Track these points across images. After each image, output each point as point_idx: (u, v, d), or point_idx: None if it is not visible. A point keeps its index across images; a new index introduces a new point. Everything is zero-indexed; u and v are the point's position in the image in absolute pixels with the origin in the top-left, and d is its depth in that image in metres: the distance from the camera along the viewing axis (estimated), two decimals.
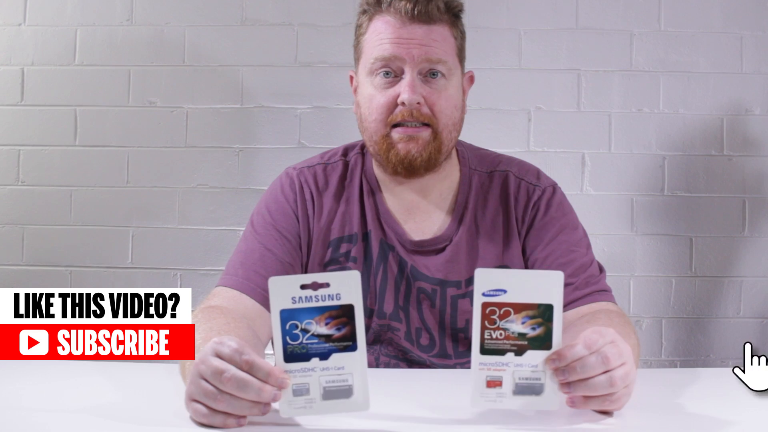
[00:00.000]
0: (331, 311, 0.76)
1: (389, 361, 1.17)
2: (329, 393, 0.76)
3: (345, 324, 0.76)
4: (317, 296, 0.76)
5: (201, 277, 2.31)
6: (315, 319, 0.76)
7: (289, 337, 0.76)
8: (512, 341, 0.77)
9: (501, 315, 0.77)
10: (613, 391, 0.78)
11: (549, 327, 0.78)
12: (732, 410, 0.86)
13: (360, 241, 1.18)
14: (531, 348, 0.78)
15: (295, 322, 0.76)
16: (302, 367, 0.76)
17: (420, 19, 1.10)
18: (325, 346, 0.76)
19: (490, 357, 0.78)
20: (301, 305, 0.76)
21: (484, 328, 0.77)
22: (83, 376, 1.02)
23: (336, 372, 0.76)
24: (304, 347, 0.76)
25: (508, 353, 0.78)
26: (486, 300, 0.77)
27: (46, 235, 2.34)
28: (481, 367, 0.78)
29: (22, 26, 2.36)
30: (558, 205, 1.19)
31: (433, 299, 1.16)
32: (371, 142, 1.15)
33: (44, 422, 0.80)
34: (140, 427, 0.78)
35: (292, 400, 0.76)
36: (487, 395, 0.78)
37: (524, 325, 0.77)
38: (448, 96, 1.13)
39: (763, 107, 2.31)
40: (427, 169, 1.14)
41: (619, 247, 2.30)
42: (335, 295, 0.76)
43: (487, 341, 0.77)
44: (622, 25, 2.32)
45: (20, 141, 2.35)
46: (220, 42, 2.34)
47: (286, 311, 0.76)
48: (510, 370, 0.78)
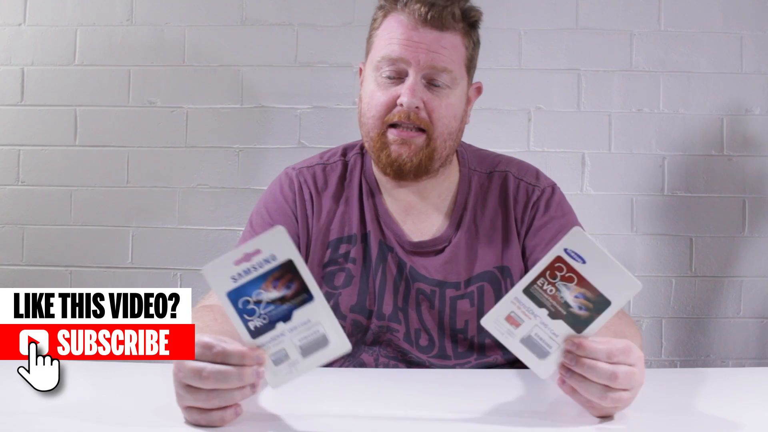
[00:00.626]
0: (274, 273, 0.76)
1: (388, 362, 1.17)
2: (307, 349, 0.76)
3: (292, 280, 0.76)
4: (254, 266, 0.76)
5: (201, 277, 2.30)
6: (262, 287, 0.76)
7: (246, 314, 0.76)
8: (555, 302, 0.77)
9: (564, 277, 0.76)
10: (600, 403, 0.77)
11: (593, 317, 0.77)
12: (732, 410, 0.86)
13: (359, 242, 1.17)
14: (565, 320, 0.77)
15: (245, 298, 0.76)
16: (271, 337, 0.76)
17: (432, 23, 1.09)
18: (283, 307, 0.76)
19: (528, 300, 0.77)
20: (243, 280, 0.76)
21: (542, 275, 0.77)
22: (83, 377, 1.01)
23: (304, 327, 0.76)
24: (264, 317, 0.76)
25: (544, 309, 0.77)
26: (562, 255, 0.76)
27: (46, 235, 2.34)
28: (514, 301, 0.78)
29: (22, 26, 2.36)
30: (557, 205, 1.19)
31: (432, 300, 1.16)
32: (367, 138, 1.15)
33: (44, 422, 0.79)
34: (140, 427, 0.78)
35: (276, 370, 0.76)
36: (500, 324, 0.78)
37: (576, 300, 0.77)
38: (448, 105, 1.12)
39: (763, 107, 2.31)
40: (417, 174, 1.13)
41: (619, 247, 2.30)
42: (270, 257, 0.76)
43: (535, 287, 0.77)
44: (622, 25, 2.32)
45: (20, 141, 2.35)
46: (220, 42, 2.34)
47: (232, 292, 0.76)
48: (534, 322, 0.77)
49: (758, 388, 1.01)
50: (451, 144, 1.15)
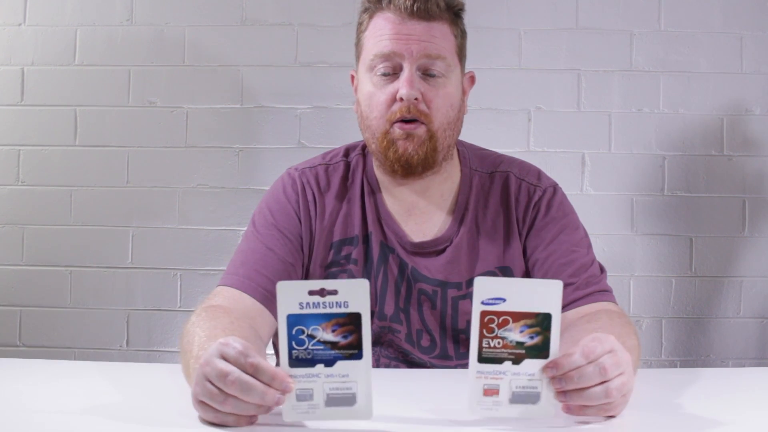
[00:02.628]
0: (339, 318, 0.76)
1: (389, 363, 1.17)
2: (332, 400, 0.76)
3: (351, 332, 0.76)
4: (325, 303, 0.76)
5: (201, 277, 2.31)
6: (322, 326, 0.76)
7: (295, 342, 0.76)
8: (510, 350, 0.77)
9: (499, 324, 0.77)
10: (609, 401, 0.77)
11: (547, 336, 0.77)
12: (732, 410, 0.86)
13: (361, 243, 1.17)
14: (528, 357, 0.77)
15: (301, 328, 0.76)
16: (307, 373, 0.76)
17: (419, 15, 1.10)
18: (331, 353, 0.76)
19: (488, 365, 0.78)
20: (309, 311, 0.76)
21: (483, 337, 0.77)
22: (83, 376, 1.02)
23: (340, 379, 0.76)
24: (310, 353, 0.76)
25: (506, 362, 0.77)
26: (485, 308, 0.77)
27: (46, 235, 2.34)
28: (479, 375, 0.78)
29: (22, 26, 2.36)
30: (559, 205, 1.19)
31: (433, 301, 1.16)
32: (373, 140, 1.15)
33: (44, 422, 0.79)
34: (141, 427, 0.78)
35: (295, 405, 0.77)
36: (484, 403, 0.78)
37: (522, 333, 0.77)
38: (445, 94, 1.12)
39: (763, 107, 2.31)
40: (424, 168, 1.13)
41: (619, 247, 2.30)
42: (343, 303, 0.76)
43: (485, 350, 0.77)
44: (622, 25, 2.32)
45: (20, 141, 2.35)
46: (220, 42, 2.34)
47: (293, 316, 0.76)
48: (507, 378, 0.78)
49: (758, 388, 1.01)
50: (451, 134, 1.15)
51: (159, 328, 2.34)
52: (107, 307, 2.34)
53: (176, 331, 2.31)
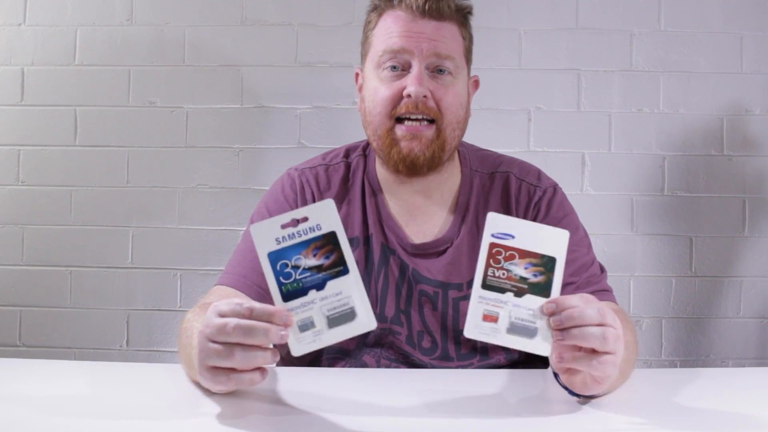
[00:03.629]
0: (316, 242, 0.78)
1: (390, 365, 1.17)
2: (334, 320, 0.78)
3: (332, 251, 0.78)
4: (299, 231, 0.78)
5: (201, 277, 2.31)
6: (302, 254, 0.78)
7: (282, 277, 0.78)
8: (513, 282, 0.80)
9: (506, 257, 0.80)
10: (604, 348, 0.78)
11: (550, 277, 0.80)
12: (732, 410, 0.86)
13: (361, 245, 1.17)
14: (530, 293, 0.80)
15: (284, 261, 0.78)
16: (302, 302, 0.78)
17: (430, 14, 1.11)
18: (319, 276, 0.78)
19: (491, 293, 0.80)
20: (286, 243, 0.78)
21: (489, 266, 0.80)
22: (83, 376, 1.02)
23: (335, 298, 0.78)
24: (299, 282, 0.78)
25: (508, 293, 0.80)
26: (494, 241, 0.80)
27: (46, 235, 2.34)
28: (480, 300, 0.80)
29: (22, 26, 2.36)
30: (559, 205, 1.19)
31: (434, 302, 1.16)
32: (375, 137, 1.15)
33: (44, 422, 0.79)
34: (141, 427, 0.78)
35: (300, 337, 0.77)
36: (482, 327, 0.80)
37: (527, 270, 0.80)
38: (455, 92, 1.13)
39: (763, 107, 2.31)
40: (429, 168, 1.13)
41: (619, 247, 2.30)
42: (316, 227, 0.78)
43: (489, 278, 0.80)
44: (622, 25, 2.32)
45: (20, 141, 2.35)
46: (220, 42, 2.34)
47: (273, 253, 0.78)
48: (507, 308, 0.80)
49: (758, 388, 1.01)
50: (459, 134, 1.16)
51: (159, 328, 2.34)
52: (107, 307, 2.34)
53: (176, 331, 2.31)
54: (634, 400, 0.83)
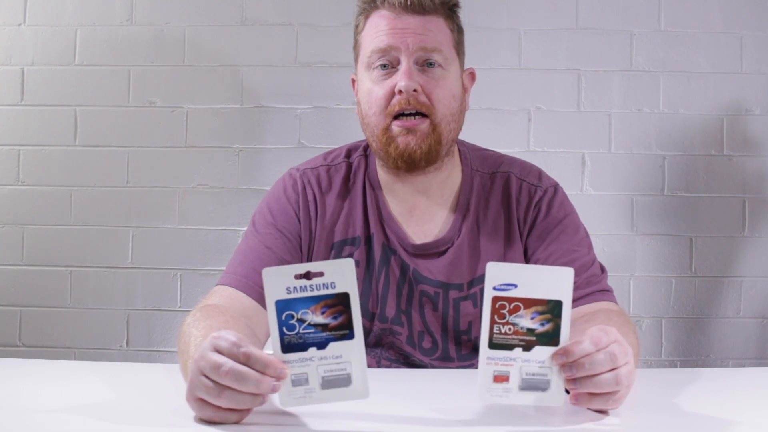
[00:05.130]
0: (327, 300, 0.76)
1: (390, 365, 1.17)
2: (328, 382, 0.76)
3: (341, 312, 0.76)
4: (312, 285, 0.75)
5: (201, 277, 2.31)
6: (311, 309, 0.76)
7: (285, 328, 0.76)
8: (521, 336, 0.77)
9: (511, 310, 0.77)
10: (617, 389, 0.78)
11: (557, 323, 0.77)
12: (732, 410, 0.86)
13: (363, 245, 1.17)
14: (539, 344, 0.77)
15: (291, 312, 0.76)
16: (300, 357, 0.76)
17: (413, 9, 1.11)
18: (322, 335, 0.76)
19: (499, 351, 0.77)
20: (297, 295, 0.76)
21: (494, 323, 0.77)
22: (83, 376, 1.02)
23: (334, 361, 0.76)
24: (301, 337, 0.76)
25: (516, 348, 0.77)
26: (497, 294, 0.77)
27: (46, 235, 2.34)
28: (489, 362, 0.77)
29: (22, 26, 2.36)
30: (559, 205, 1.18)
31: (435, 302, 1.16)
32: (373, 138, 1.15)
33: (44, 422, 0.79)
34: (140, 426, 0.78)
35: (291, 391, 0.76)
36: (494, 390, 0.78)
37: (533, 320, 0.77)
38: (446, 85, 1.12)
39: (763, 107, 2.31)
40: (428, 161, 1.13)
41: (619, 247, 2.30)
42: (330, 284, 0.76)
43: (496, 336, 0.77)
44: (622, 25, 2.32)
45: (20, 141, 2.35)
46: (220, 42, 2.34)
47: (281, 302, 0.76)
48: (517, 365, 0.77)
49: (758, 388, 1.01)
50: (455, 127, 1.15)
51: (159, 328, 2.34)
52: (107, 307, 2.34)
53: (176, 331, 2.31)
54: (634, 400, 0.83)
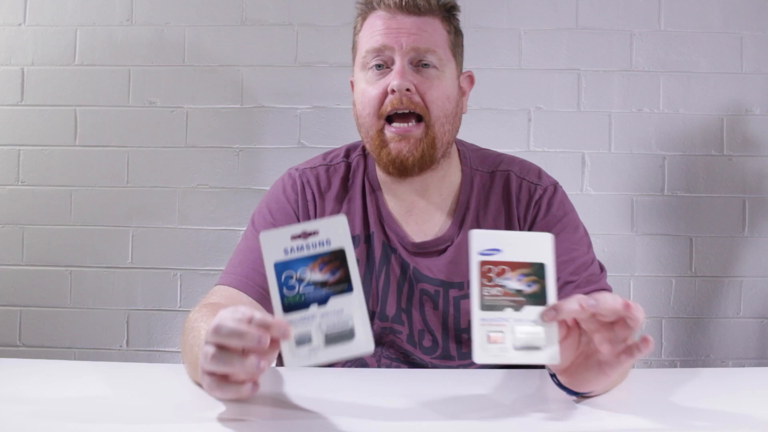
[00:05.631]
0: (324, 257, 0.77)
1: (390, 364, 1.17)
2: (331, 338, 0.76)
3: (338, 268, 0.77)
4: (308, 244, 0.77)
5: (201, 277, 2.31)
6: (309, 267, 0.77)
7: (285, 288, 0.77)
8: (510, 297, 0.79)
9: (498, 273, 0.79)
10: (634, 325, 0.78)
11: (543, 284, 0.80)
12: (732, 410, 0.86)
13: (362, 243, 1.17)
14: (528, 304, 0.79)
15: (290, 273, 0.77)
16: (302, 316, 0.77)
17: (408, 9, 1.11)
18: (322, 291, 0.77)
19: (490, 313, 0.79)
20: (294, 255, 0.77)
21: (483, 285, 0.79)
22: (83, 376, 1.02)
23: (336, 316, 0.77)
24: (302, 296, 0.77)
25: (507, 309, 0.79)
26: (482, 258, 0.79)
27: (46, 235, 2.34)
28: (482, 323, 0.79)
29: (22, 26, 2.36)
30: (559, 204, 1.19)
31: (435, 301, 1.16)
32: (367, 138, 1.15)
33: (44, 422, 0.79)
34: (140, 426, 0.78)
35: (295, 351, 0.76)
36: (490, 350, 0.79)
37: (520, 282, 0.79)
38: (439, 85, 1.12)
39: (763, 107, 2.31)
40: (421, 168, 1.13)
41: (619, 247, 2.30)
42: (325, 241, 0.77)
43: (486, 297, 0.79)
44: (622, 25, 2.32)
45: (20, 141, 2.35)
46: (220, 42, 2.34)
47: (280, 263, 0.77)
48: (510, 325, 0.79)
49: (758, 388, 1.01)
50: (450, 129, 1.14)
51: (159, 328, 2.34)
52: (107, 307, 2.34)
53: (176, 331, 2.31)
54: (633, 400, 0.83)
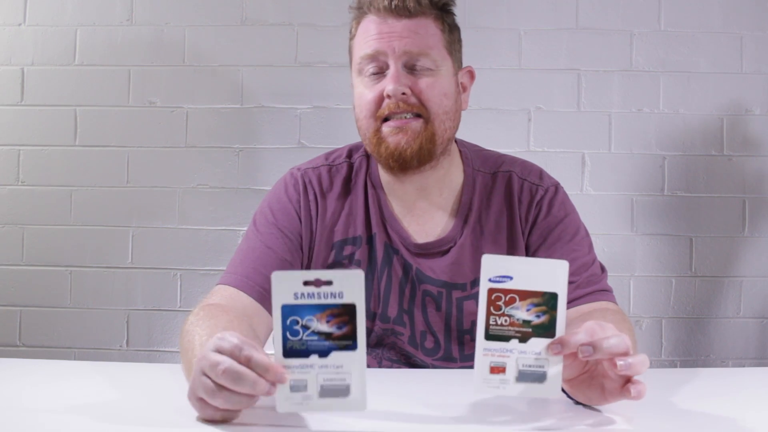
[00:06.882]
0: (333, 309, 0.75)
1: (392, 365, 1.17)
2: (326, 391, 0.76)
3: (346, 323, 0.76)
4: (320, 293, 0.75)
5: (201, 277, 2.31)
6: (316, 316, 0.76)
7: (289, 333, 0.76)
8: (517, 328, 0.77)
9: (506, 301, 0.77)
10: (637, 365, 0.76)
11: (553, 315, 0.78)
12: (732, 410, 0.86)
13: (364, 244, 1.17)
14: (535, 335, 0.78)
15: (296, 318, 0.76)
16: (301, 364, 0.76)
17: (398, 12, 1.11)
18: (325, 343, 0.76)
19: (495, 343, 0.78)
20: (303, 301, 0.76)
21: (490, 314, 0.77)
22: (83, 376, 1.02)
23: (334, 370, 0.76)
24: (304, 343, 0.76)
25: (513, 340, 0.78)
26: (492, 286, 0.77)
27: (46, 235, 2.34)
28: (486, 353, 0.78)
29: (22, 26, 2.36)
30: (560, 204, 1.19)
31: (438, 302, 1.16)
32: (366, 140, 1.15)
33: (44, 422, 0.79)
34: (141, 427, 0.78)
35: (289, 396, 0.76)
36: (491, 381, 0.78)
37: (529, 312, 0.77)
38: (435, 85, 1.12)
39: (763, 107, 2.31)
40: (420, 161, 1.13)
41: (619, 247, 2.30)
42: (338, 294, 0.75)
43: (492, 327, 0.78)
44: (622, 25, 2.32)
45: (20, 141, 2.35)
46: (220, 42, 2.34)
47: (287, 306, 0.76)
48: (514, 356, 0.78)
49: (758, 388, 1.01)
50: (450, 125, 1.14)
51: (159, 328, 2.34)
52: (107, 307, 2.34)
53: (176, 331, 2.31)
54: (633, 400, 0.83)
